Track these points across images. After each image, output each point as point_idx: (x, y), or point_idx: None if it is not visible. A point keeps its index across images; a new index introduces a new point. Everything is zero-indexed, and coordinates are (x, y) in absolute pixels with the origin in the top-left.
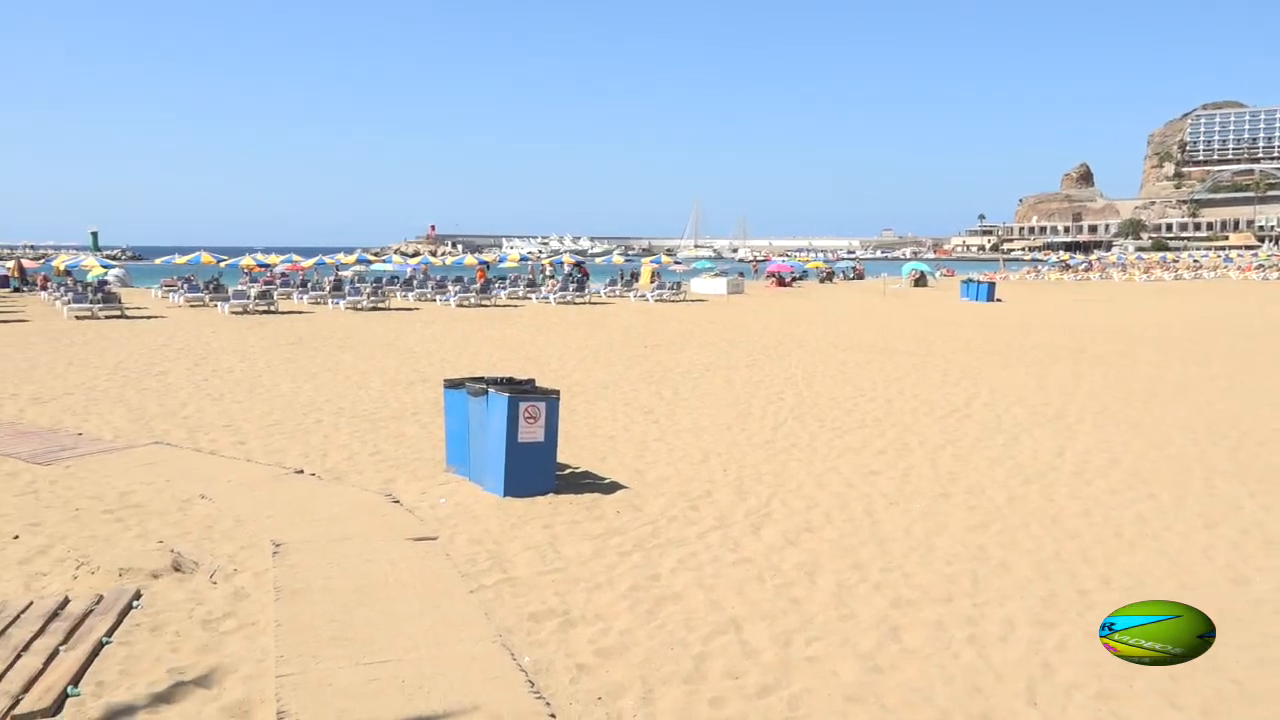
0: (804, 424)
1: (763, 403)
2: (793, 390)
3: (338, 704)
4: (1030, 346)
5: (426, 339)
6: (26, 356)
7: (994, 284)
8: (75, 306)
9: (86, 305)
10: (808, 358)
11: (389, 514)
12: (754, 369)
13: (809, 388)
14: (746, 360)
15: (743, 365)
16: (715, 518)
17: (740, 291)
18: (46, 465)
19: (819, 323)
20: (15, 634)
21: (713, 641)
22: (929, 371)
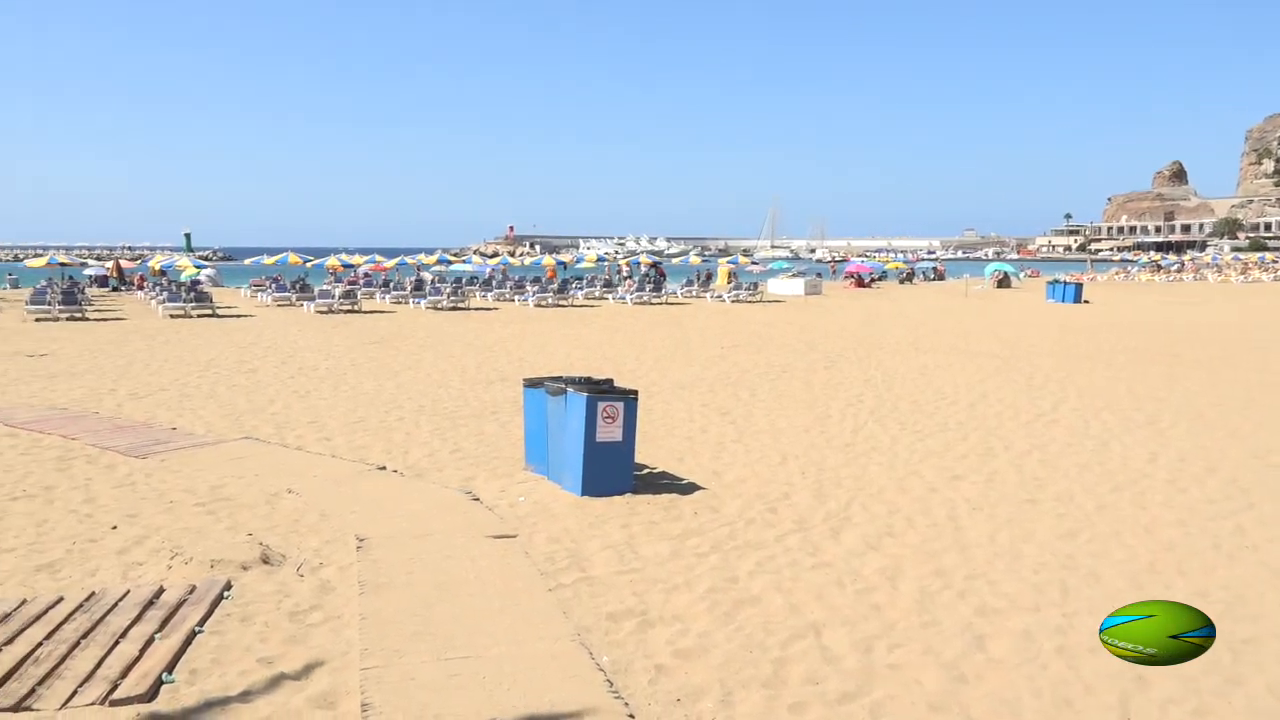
0: (884, 427)
1: (842, 405)
2: (872, 392)
3: (420, 698)
4: (1120, 350)
5: (505, 338)
6: (124, 353)
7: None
8: (169, 305)
9: (180, 304)
10: (888, 360)
11: (469, 511)
12: (832, 371)
13: (889, 390)
14: (825, 362)
15: (821, 367)
16: (794, 521)
17: (818, 292)
18: (143, 458)
19: (899, 324)
20: (113, 621)
21: (792, 646)
22: (1013, 375)
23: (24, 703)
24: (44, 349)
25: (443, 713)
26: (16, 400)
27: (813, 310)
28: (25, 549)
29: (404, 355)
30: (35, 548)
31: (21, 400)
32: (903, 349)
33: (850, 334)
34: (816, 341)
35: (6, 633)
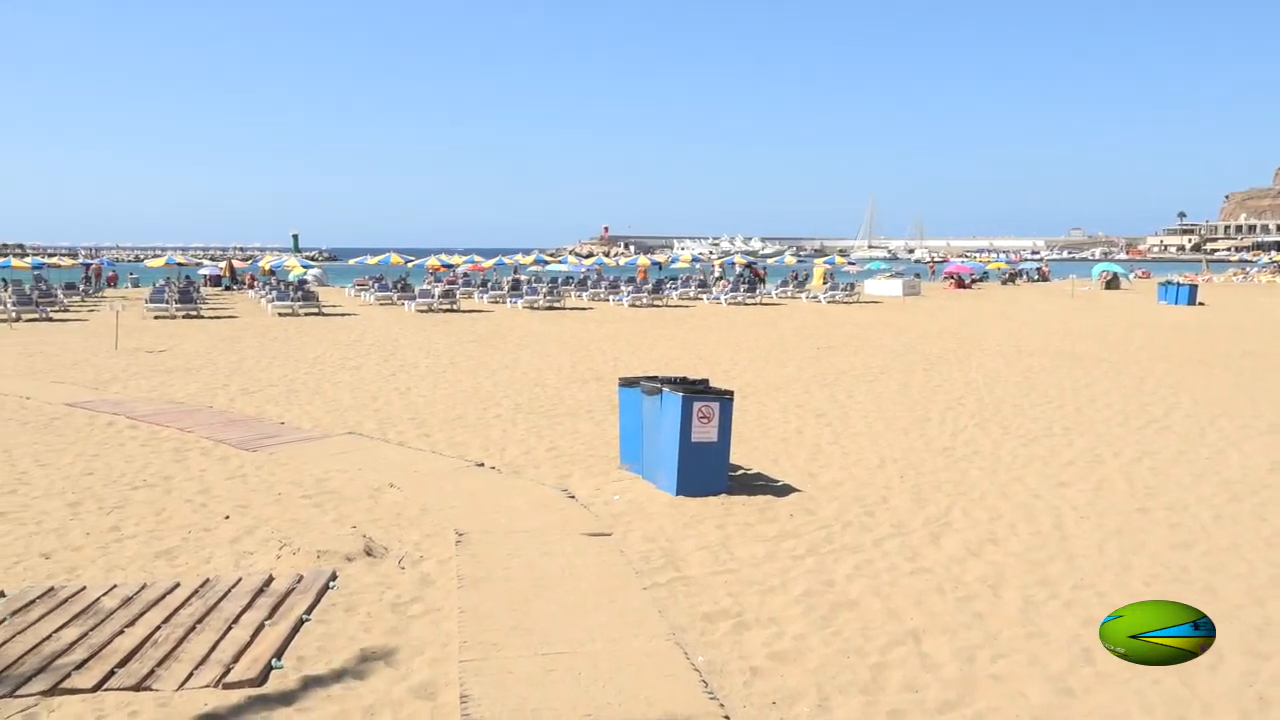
0: (986, 431)
1: (941, 408)
2: (973, 396)
3: (517, 691)
4: (1238, 354)
5: (600, 338)
6: (236, 350)
7: (1195, 286)
8: (278, 304)
9: (288, 303)
10: (989, 362)
11: (565, 509)
12: (931, 373)
13: (991, 393)
14: (924, 364)
15: (919, 369)
16: (892, 525)
17: (916, 293)
18: (253, 451)
19: (1001, 326)
20: (226, 607)
21: (891, 652)
22: (1123, 379)
23: (144, 683)
24: (162, 345)
25: (540, 707)
26: (137, 394)
27: (911, 311)
28: (146, 536)
29: (501, 354)
30: (155, 535)
31: (142, 394)
32: (1005, 351)
33: (950, 336)
34: (915, 343)
35: (128, 616)
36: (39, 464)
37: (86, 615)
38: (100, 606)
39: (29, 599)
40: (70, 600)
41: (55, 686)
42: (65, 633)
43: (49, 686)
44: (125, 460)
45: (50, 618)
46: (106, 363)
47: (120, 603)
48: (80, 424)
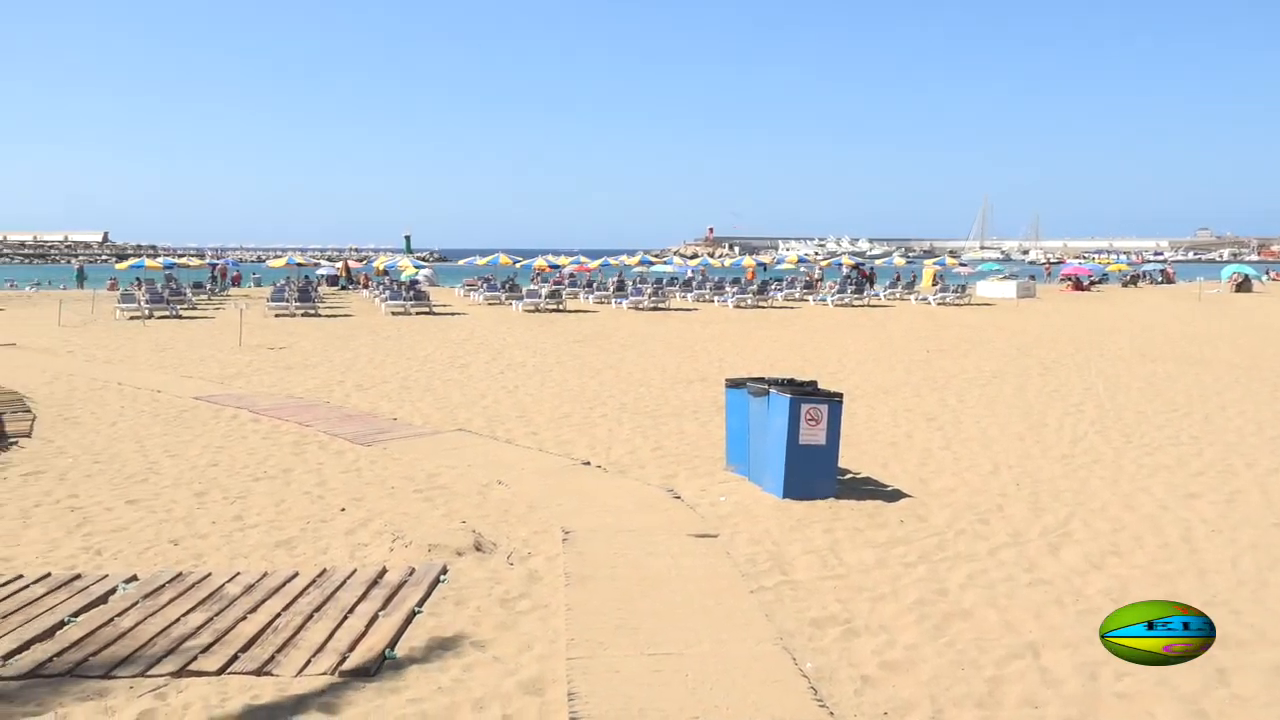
0: (1107, 439)
1: (1059, 414)
2: (1093, 401)
3: (624, 691)
4: None
5: (705, 339)
6: (351, 348)
7: None
8: (391, 303)
9: (401, 302)
10: (1110, 367)
11: (670, 509)
12: (1048, 377)
13: (1112, 400)
14: (1039, 368)
15: (1035, 373)
16: (1008, 534)
17: (1031, 295)
18: (367, 446)
19: (1122, 330)
20: (342, 597)
21: (1008, 665)
22: (1256, 385)
23: (265, 668)
24: (282, 343)
25: (647, 707)
26: (259, 389)
27: (1025, 314)
28: (266, 525)
29: (606, 354)
30: (275, 525)
31: (263, 389)
32: (1127, 356)
33: (1067, 339)
34: (1030, 346)
35: (250, 602)
36: (169, 454)
37: (212, 601)
38: (224, 593)
39: (159, 583)
40: (197, 586)
41: (183, 668)
42: (192, 617)
43: (178, 668)
44: (248, 452)
45: (178, 602)
46: (231, 358)
47: (243, 589)
48: (206, 417)
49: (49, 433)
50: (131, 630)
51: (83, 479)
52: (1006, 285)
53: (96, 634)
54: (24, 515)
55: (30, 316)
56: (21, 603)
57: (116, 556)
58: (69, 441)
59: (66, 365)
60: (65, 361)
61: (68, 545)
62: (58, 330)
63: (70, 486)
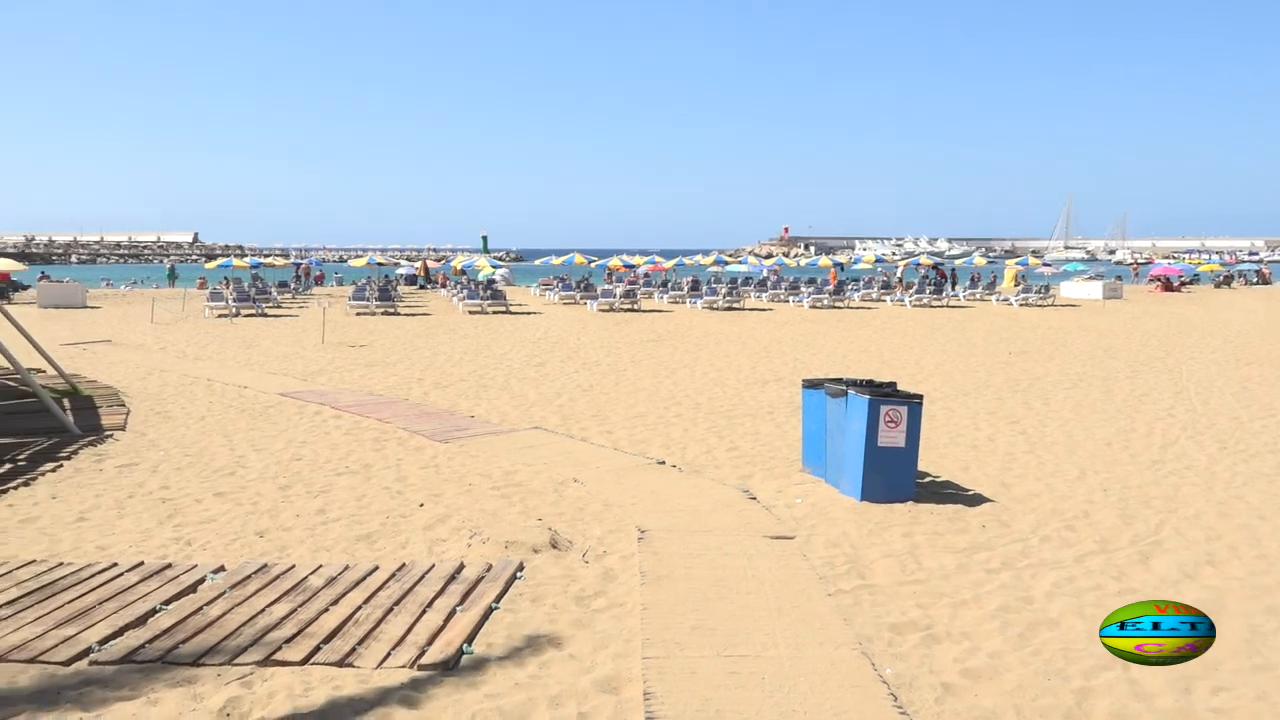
0: (1200, 445)
1: (1148, 418)
2: (1184, 406)
3: (701, 692)
4: None
5: (780, 339)
6: (430, 345)
7: None
8: (468, 302)
9: (478, 301)
10: (1202, 371)
11: (746, 510)
12: (1136, 381)
13: (1205, 404)
14: (1127, 371)
15: (1123, 376)
16: (1095, 541)
17: (1118, 296)
18: (445, 443)
19: (1215, 332)
20: (421, 592)
21: (1097, 677)
22: None
23: (346, 660)
24: (363, 340)
25: (724, 710)
26: (341, 386)
27: (1112, 315)
28: (348, 519)
29: (681, 353)
30: (356, 519)
31: (345, 386)
32: (1221, 359)
33: (1157, 341)
34: (1117, 349)
35: (332, 595)
36: (255, 449)
37: (295, 592)
38: (307, 585)
39: (245, 574)
40: (281, 577)
41: (268, 658)
42: (276, 608)
43: (263, 657)
44: (330, 448)
45: (264, 593)
46: (314, 355)
47: (325, 582)
48: (290, 413)
49: (142, 426)
50: (219, 619)
51: (174, 471)
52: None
53: (186, 622)
54: (119, 505)
55: (125, 314)
56: (116, 590)
57: (205, 547)
58: (161, 435)
59: (159, 361)
60: (158, 358)
61: (159, 535)
62: (150, 327)
63: (162, 478)
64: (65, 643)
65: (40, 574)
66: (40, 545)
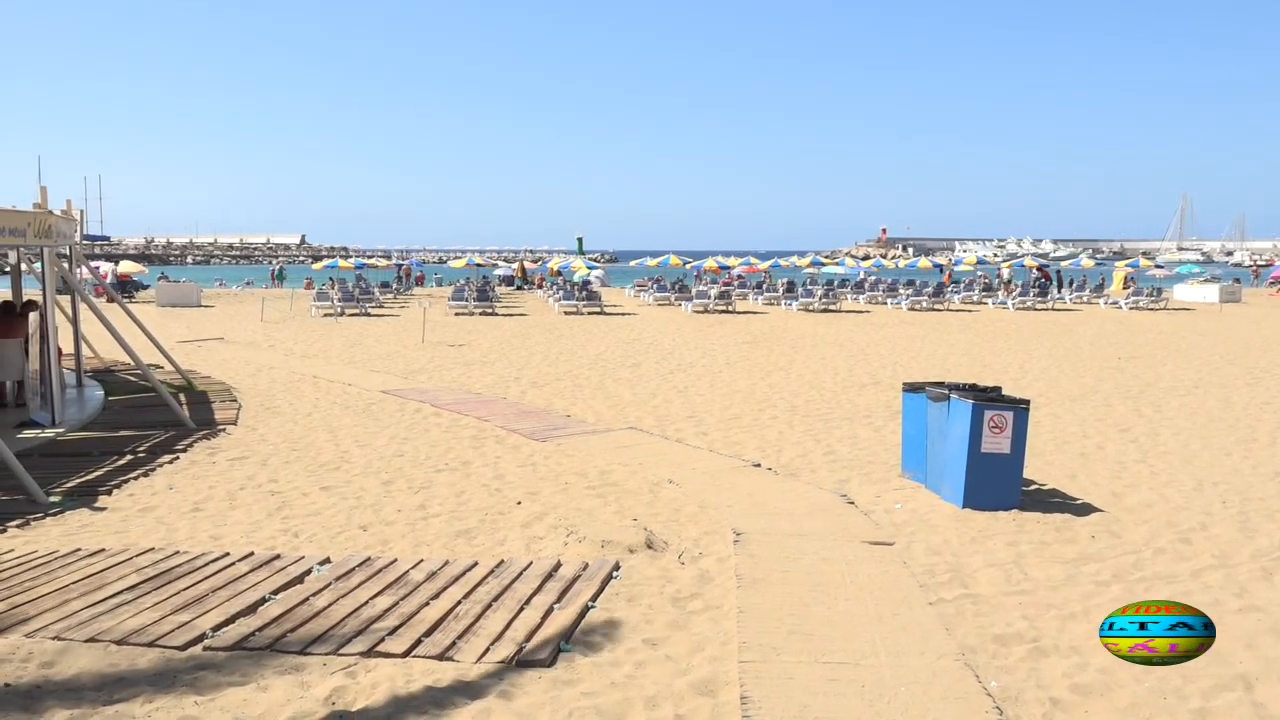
0: None
1: (1271, 427)
2: None
3: (799, 699)
4: None
5: (877, 341)
6: (526, 346)
7: None
8: (564, 303)
9: (573, 302)
10: None
11: (843, 514)
12: (1257, 388)
13: None
14: (1247, 377)
15: (1242, 383)
16: (1214, 555)
17: (1236, 300)
18: (542, 441)
19: None
20: (519, 589)
21: (1216, 698)
22: None
23: (446, 653)
24: (462, 340)
25: (822, 717)
26: (440, 384)
27: (1229, 319)
28: (448, 515)
29: (776, 355)
30: (455, 515)
31: (444, 384)
32: None
33: (1279, 347)
34: (1236, 354)
35: (433, 589)
36: (358, 444)
37: (397, 585)
38: (409, 578)
39: (349, 567)
40: (383, 570)
41: (372, 649)
42: (379, 600)
43: (367, 648)
44: (430, 444)
45: (367, 585)
46: (414, 354)
47: (426, 576)
48: (392, 410)
49: (252, 421)
50: (325, 610)
51: (282, 465)
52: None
53: (293, 612)
54: (230, 497)
55: (236, 313)
56: (228, 579)
57: (311, 539)
58: (270, 430)
59: (268, 359)
60: (267, 355)
61: (268, 527)
62: (260, 326)
63: (271, 472)
64: (181, 628)
65: (158, 561)
66: (158, 534)
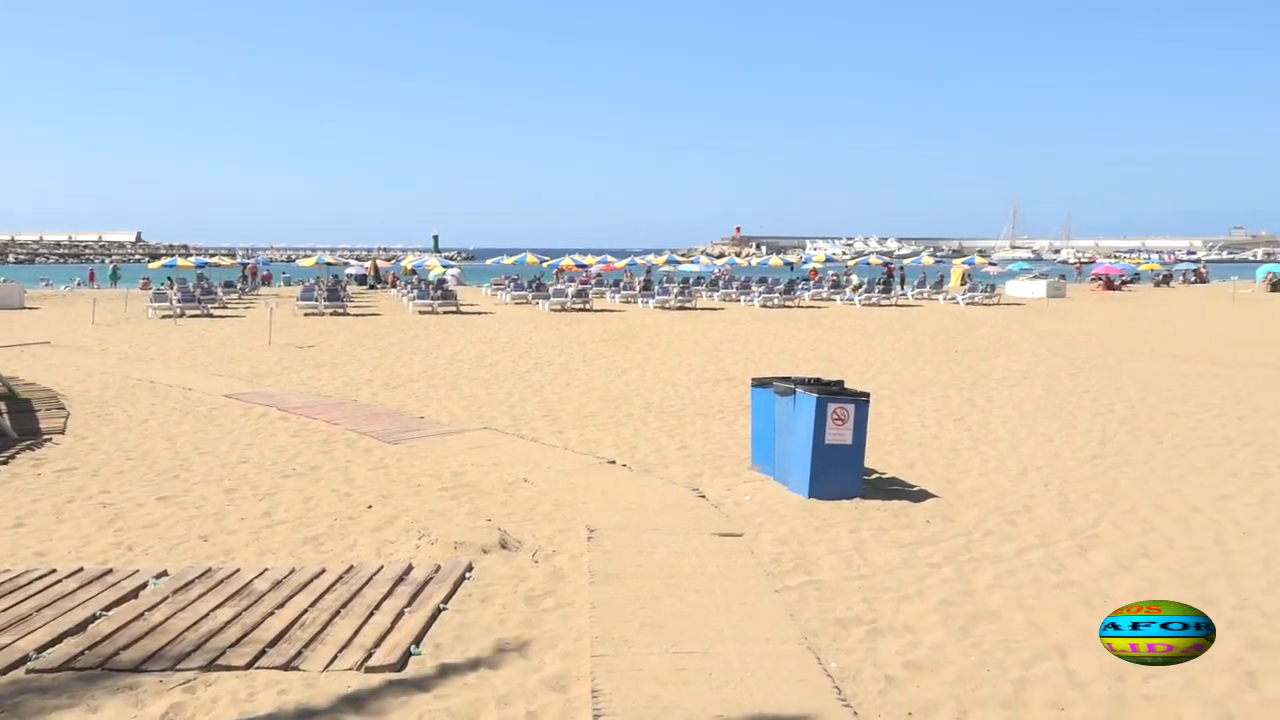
0: (1138, 439)
1: (1089, 414)
2: (1123, 402)
3: (648, 689)
4: None
5: (731, 338)
6: (379, 346)
7: None
8: (419, 302)
9: (428, 301)
10: (1141, 367)
11: (695, 508)
12: (1078, 377)
13: (1143, 400)
14: (1069, 368)
15: (1065, 373)
16: (1036, 535)
17: (1062, 295)
18: (394, 444)
19: (1154, 330)
20: (368, 594)
21: (1035, 667)
22: None
23: (292, 663)
24: (311, 341)
25: (671, 706)
26: (288, 387)
27: (1055, 314)
28: (294, 522)
29: (632, 353)
30: (303, 522)
31: (292, 387)
32: (1159, 356)
33: (1098, 339)
34: (1060, 347)
35: (278, 598)
36: (199, 451)
37: (240, 596)
38: (253, 588)
39: (189, 579)
40: (225, 581)
41: (211, 663)
42: (220, 612)
43: (206, 663)
44: (277, 450)
45: (208, 597)
46: (260, 356)
47: (271, 585)
48: (236, 414)
49: (82, 429)
50: (161, 625)
51: (115, 475)
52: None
53: (127, 628)
54: (57, 511)
55: (65, 316)
56: (54, 596)
57: (147, 552)
58: (102, 438)
59: (100, 363)
60: (98, 359)
61: (100, 540)
62: (91, 329)
63: (103, 483)
64: (1, 651)
65: None
66: None
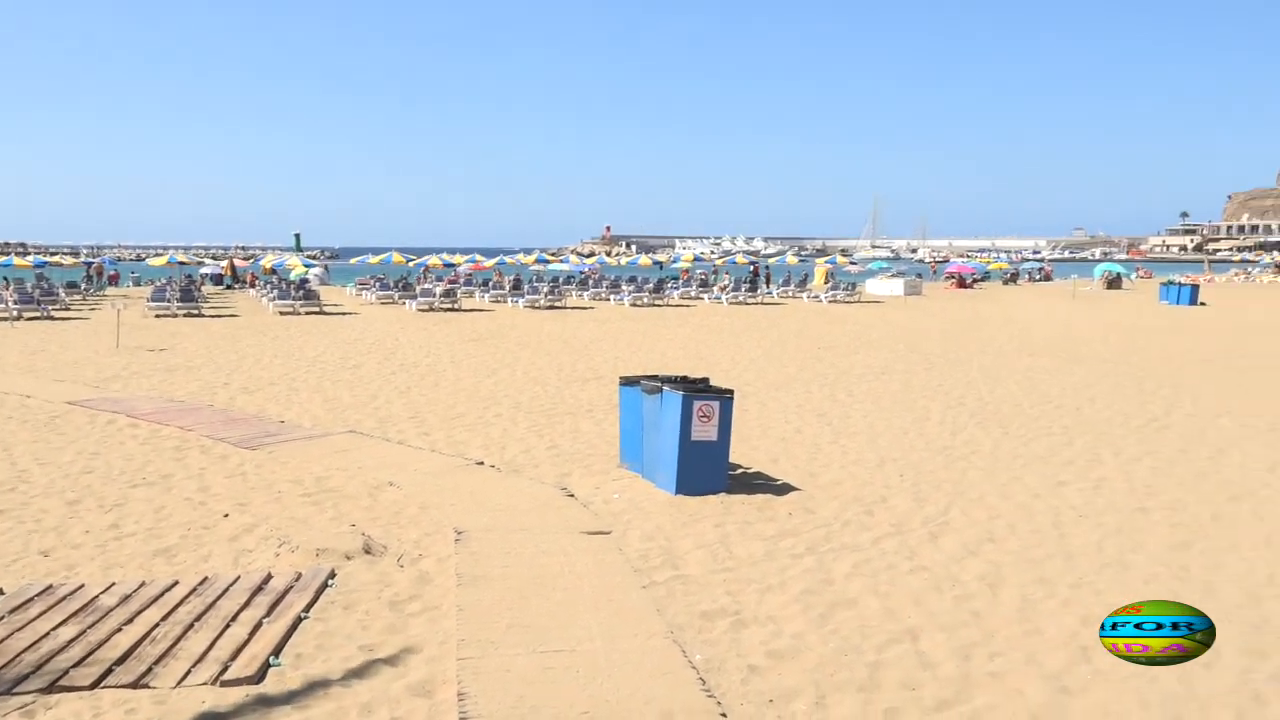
0: (986, 431)
1: (941, 408)
2: (974, 395)
3: (515, 689)
4: (1239, 354)
5: (601, 337)
6: (236, 349)
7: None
8: (279, 303)
9: (289, 302)
10: (990, 362)
11: (564, 507)
12: (931, 373)
13: (991, 393)
14: (924, 363)
15: (920, 369)
16: (891, 524)
17: (918, 293)
18: (253, 449)
19: (1002, 326)
20: (224, 605)
21: (888, 650)
22: (1123, 379)
23: (141, 681)
24: (163, 344)
25: (538, 705)
26: (138, 392)
27: (912, 311)
28: (144, 534)
29: (502, 353)
30: (154, 533)
31: (142, 392)
32: (1006, 351)
33: (951, 336)
34: (916, 343)
35: (126, 613)
36: (39, 462)
37: (84, 613)
38: (98, 604)
39: (27, 596)
40: (68, 598)
41: (53, 684)
42: (63, 630)
43: (47, 684)
44: (125, 458)
45: (48, 615)
46: (108, 361)
47: (118, 600)
48: (81, 422)
49: None
50: None
51: None
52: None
53: None
54: None
55: None
56: None
57: None
58: None
59: None
60: None
61: None
62: None
63: None
64: None
65: None
66: None
